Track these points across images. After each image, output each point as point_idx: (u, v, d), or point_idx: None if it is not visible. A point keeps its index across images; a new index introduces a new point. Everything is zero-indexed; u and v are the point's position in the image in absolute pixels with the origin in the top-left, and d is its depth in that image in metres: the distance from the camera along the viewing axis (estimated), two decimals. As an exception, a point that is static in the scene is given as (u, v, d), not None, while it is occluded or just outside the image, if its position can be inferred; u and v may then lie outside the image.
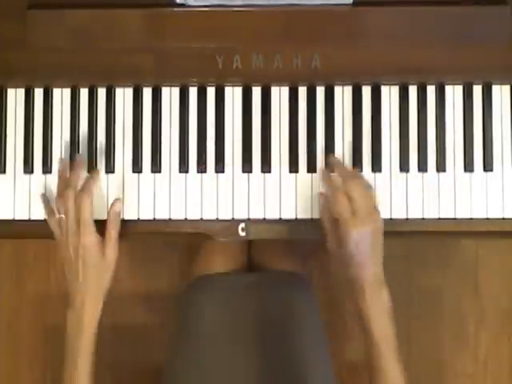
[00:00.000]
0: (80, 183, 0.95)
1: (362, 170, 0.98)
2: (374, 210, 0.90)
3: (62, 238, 0.93)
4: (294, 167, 0.98)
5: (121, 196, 0.98)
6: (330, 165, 0.97)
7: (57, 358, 0.93)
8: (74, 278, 0.92)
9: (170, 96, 1.00)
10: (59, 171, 0.98)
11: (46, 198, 0.98)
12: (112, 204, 0.96)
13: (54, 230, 0.95)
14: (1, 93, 1.00)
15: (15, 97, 1.01)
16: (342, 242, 0.90)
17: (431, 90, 0.99)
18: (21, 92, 1.00)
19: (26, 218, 0.99)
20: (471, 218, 0.97)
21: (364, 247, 0.88)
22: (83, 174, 0.98)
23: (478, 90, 0.99)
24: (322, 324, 1.13)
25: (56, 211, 0.95)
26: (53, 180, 0.99)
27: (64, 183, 0.96)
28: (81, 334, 0.92)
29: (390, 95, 0.99)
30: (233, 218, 0.98)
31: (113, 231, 0.94)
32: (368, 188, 0.92)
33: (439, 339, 1.65)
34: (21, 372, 1.68)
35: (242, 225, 0.97)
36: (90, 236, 0.92)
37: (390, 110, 0.99)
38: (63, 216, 0.93)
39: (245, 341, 1.05)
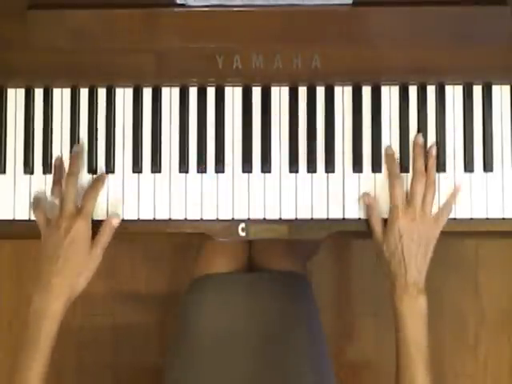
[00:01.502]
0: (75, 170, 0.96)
1: (361, 170, 0.98)
2: (430, 214, 0.92)
3: (52, 221, 0.93)
4: (294, 167, 0.98)
5: (121, 196, 0.98)
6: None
7: (57, 358, 0.93)
8: (53, 260, 0.91)
9: (170, 96, 1.00)
10: (56, 161, 0.98)
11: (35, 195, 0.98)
12: (111, 217, 0.96)
13: (38, 216, 0.95)
14: (1, 93, 1.00)
15: (15, 97, 1.01)
16: (387, 229, 0.91)
17: (431, 90, 0.99)
18: (21, 92, 1.00)
19: (26, 218, 0.99)
20: (471, 218, 0.97)
21: (408, 243, 0.90)
22: (82, 163, 0.98)
23: (478, 90, 0.99)
24: (322, 324, 1.13)
25: (50, 197, 0.95)
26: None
27: (60, 172, 0.97)
28: (45, 318, 0.90)
29: (390, 95, 0.99)
30: (233, 218, 0.98)
31: (103, 240, 0.94)
32: (432, 197, 0.93)
33: (439, 339, 1.65)
34: (21, 372, 1.68)
35: (242, 225, 0.97)
36: (87, 224, 0.92)
37: (390, 110, 0.99)
38: (57, 200, 0.93)
39: (244, 340, 1.05)
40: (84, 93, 1.00)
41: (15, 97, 1.01)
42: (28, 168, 1.00)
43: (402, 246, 0.90)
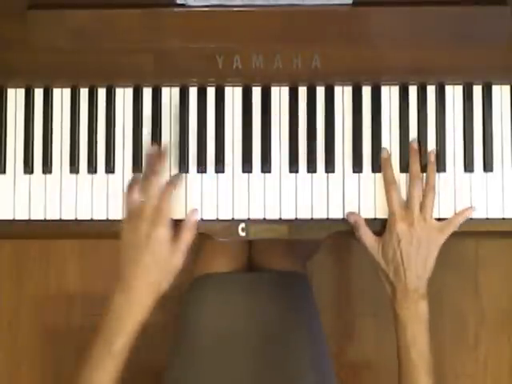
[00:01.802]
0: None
1: (361, 170, 0.98)
2: (431, 219, 0.91)
3: (134, 220, 0.89)
4: (294, 167, 0.98)
5: (120, 196, 0.98)
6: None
7: (57, 358, 0.93)
8: (134, 263, 0.88)
9: (170, 96, 1.00)
10: (147, 156, 0.96)
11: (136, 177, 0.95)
12: (191, 212, 0.95)
13: (126, 208, 0.91)
14: (1, 93, 1.00)
15: (15, 97, 1.01)
16: (385, 236, 0.91)
17: (431, 90, 0.99)
18: (21, 92, 1.00)
19: (26, 218, 0.99)
20: (471, 218, 0.97)
21: (407, 248, 0.89)
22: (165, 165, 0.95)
23: (478, 90, 0.99)
24: (322, 324, 1.13)
25: (137, 193, 0.91)
26: (53, 180, 0.99)
27: (150, 170, 0.93)
28: (124, 319, 0.87)
29: (390, 95, 0.99)
30: (233, 218, 0.98)
31: (187, 237, 0.91)
32: (432, 202, 0.93)
33: (439, 339, 1.65)
34: (21, 372, 1.68)
35: (242, 225, 0.97)
36: (166, 229, 0.89)
37: (390, 110, 0.99)
38: (143, 200, 0.90)
39: (244, 340, 1.05)
40: (84, 93, 1.00)
41: (15, 97, 1.01)
42: (28, 168, 1.00)
43: (400, 251, 0.89)
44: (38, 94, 1.00)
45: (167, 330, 1.60)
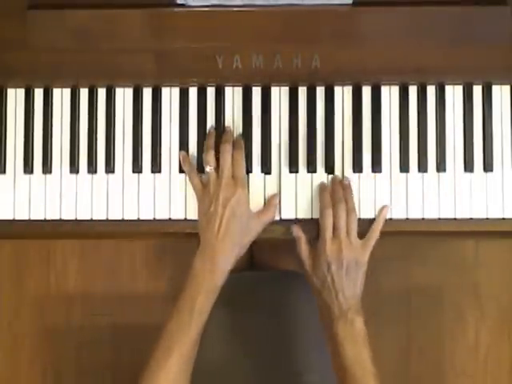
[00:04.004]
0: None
1: (362, 170, 0.98)
2: (356, 240, 0.92)
3: (210, 189, 0.92)
4: (294, 167, 0.98)
5: (120, 196, 0.98)
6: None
7: (57, 358, 0.93)
8: (215, 233, 0.90)
9: (170, 96, 1.00)
10: (210, 128, 0.98)
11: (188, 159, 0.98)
12: (272, 196, 0.97)
13: (195, 184, 0.95)
14: (1, 93, 1.00)
15: (15, 97, 1.01)
16: (315, 261, 0.93)
17: (431, 90, 0.99)
18: (21, 92, 1.00)
19: (26, 218, 0.99)
20: (471, 218, 0.97)
21: (337, 272, 0.91)
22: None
23: (478, 90, 0.99)
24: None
25: (205, 164, 0.94)
26: (53, 180, 0.99)
27: (212, 139, 0.96)
28: (210, 276, 0.89)
29: (390, 95, 0.99)
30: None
31: (269, 214, 0.95)
32: (354, 223, 0.93)
33: (439, 339, 1.65)
34: (21, 372, 1.68)
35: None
36: (245, 192, 0.92)
37: (390, 110, 0.99)
38: (212, 169, 0.93)
39: (244, 339, 1.05)
40: (84, 93, 1.00)
41: (15, 97, 1.01)
42: (28, 168, 1.00)
43: (331, 276, 0.91)
44: (38, 94, 1.00)
45: (167, 330, 1.60)
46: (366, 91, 0.99)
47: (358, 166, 0.98)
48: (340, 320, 0.90)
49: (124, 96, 1.00)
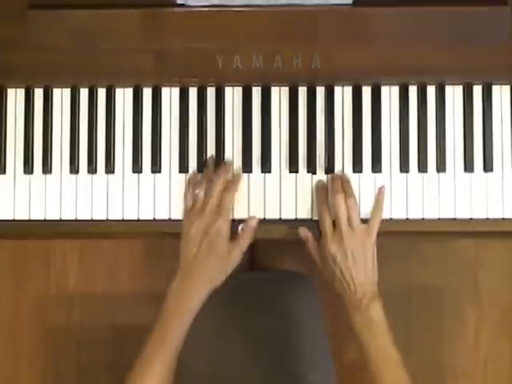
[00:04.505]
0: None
1: (361, 170, 0.98)
2: (359, 227, 0.92)
3: (195, 210, 0.92)
4: (294, 167, 0.98)
5: (120, 196, 0.98)
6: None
7: (57, 358, 0.93)
8: (194, 255, 0.91)
9: (170, 96, 1.00)
10: (207, 162, 0.98)
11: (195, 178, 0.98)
12: (249, 219, 0.96)
13: (188, 203, 0.95)
14: (1, 93, 1.00)
15: (15, 97, 1.01)
16: (322, 258, 0.93)
17: (431, 90, 0.99)
18: (21, 92, 1.00)
19: (26, 218, 0.99)
20: (471, 218, 0.97)
21: (344, 263, 0.90)
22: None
23: (478, 90, 0.99)
24: (323, 323, 1.13)
25: (200, 189, 0.94)
26: (53, 180, 0.99)
27: (210, 173, 0.96)
28: (184, 306, 0.91)
29: (390, 95, 0.99)
30: (233, 218, 0.98)
31: (246, 240, 0.94)
32: (354, 208, 0.93)
33: (439, 339, 1.65)
34: (21, 372, 1.68)
35: (242, 225, 0.97)
36: (226, 224, 0.92)
37: (390, 110, 0.99)
38: (201, 195, 0.93)
39: (245, 339, 1.05)
40: (84, 93, 1.00)
41: (15, 97, 1.01)
42: (28, 168, 1.00)
43: (339, 268, 0.91)
44: (38, 94, 1.00)
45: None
46: (366, 91, 0.99)
47: (357, 166, 0.98)
48: (355, 310, 0.90)
49: (124, 96, 1.00)
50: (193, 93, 1.00)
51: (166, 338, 0.89)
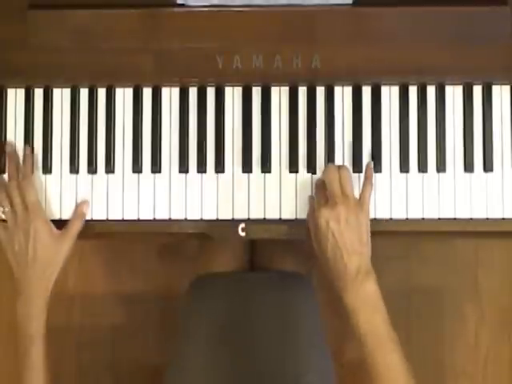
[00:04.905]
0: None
1: (361, 170, 0.98)
2: (353, 196, 0.90)
3: (10, 229, 0.94)
4: (294, 167, 0.98)
5: (120, 196, 0.98)
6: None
7: (57, 358, 0.93)
8: (23, 262, 0.93)
9: (170, 96, 1.00)
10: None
11: None
12: (81, 203, 0.97)
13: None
14: (1, 93, 1.00)
15: (15, 97, 1.01)
16: (314, 227, 0.90)
17: (431, 90, 0.99)
18: (21, 92, 1.00)
19: (26, 218, 0.99)
20: (471, 218, 0.97)
21: (337, 228, 0.87)
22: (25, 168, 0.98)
23: (478, 90, 0.99)
24: (321, 324, 1.13)
25: (4, 200, 0.95)
26: (53, 180, 0.99)
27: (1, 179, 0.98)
28: (32, 318, 0.94)
29: (390, 95, 0.99)
30: (233, 218, 0.98)
31: (75, 226, 0.96)
32: (346, 178, 0.90)
33: (439, 339, 1.65)
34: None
35: (242, 225, 0.97)
36: (41, 218, 0.94)
37: (390, 110, 0.99)
38: (7, 208, 0.94)
39: (244, 340, 1.05)
40: (84, 93, 1.00)
41: (15, 97, 1.01)
42: (28, 168, 1.00)
43: (332, 232, 0.87)
44: (38, 94, 1.00)
45: (166, 330, 1.60)
46: (366, 91, 0.99)
47: (358, 166, 0.98)
48: (349, 285, 0.86)
49: (124, 96, 1.00)
50: (193, 93, 1.00)
51: (26, 362, 0.95)
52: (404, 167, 0.98)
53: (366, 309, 0.86)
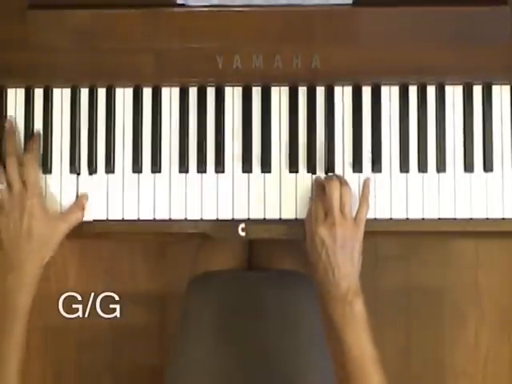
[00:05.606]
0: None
1: (361, 170, 0.98)
2: (350, 215, 0.91)
3: (5, 208, 0.93)
4: (293, 167, 0.98)
5: (120, 196, 0.98)
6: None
7: (57, 358, 0.93)
8: (16, 237, 0.93)
9: (170, 96, 1.00)
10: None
11: None
12: (81, 196, 0.98)
13: None
14: (1, 93, 1.00)
15: (15, 97, 1.01)
16: (310, 241, 0.92)
17: (431, 90, 0.99)
18: (21, 92, 1.00)
19: (26, 217, 0.99)
20: (471, 218, 0.97)
21: (332, 248, 0.89)
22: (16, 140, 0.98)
23: (478, 90, 0.99)
24: (321, 324, 1.13)
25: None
26: (53, 180, 0.99)
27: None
28: (22, 291, 0.93)
29: (390, 95, 0.99)
30: (233, 218, 0.98)
31: (74, 214, 0.96)
32: (347, 195, 0.92)
33: (439, 339, 1.65)
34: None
35: (242, 225, 0.97)
36: (37, 199, 0.94)
37: (390, 110, 0.99)
38: (1, 185, 0.94)
39: (244, 339, 1.05)
40: (84, 93, 1.00)
41: (15, 97, 1.01)
42: (28, 168, 0.99)
43: (325, 251, 0.90)
44: (38, 94, 1.00)
45: (166, 330, 1.61)
46: (366, 91, 0.99)
47: (357, 166, 0.98)
48: (338, 303, 0.89)
49: (124, 96, 1.00)
50: (193, 93, 1.00)
51: (7, 329, 0.91)
52: (404, 167, 0.98)
53: (354, 326, 0.88)
